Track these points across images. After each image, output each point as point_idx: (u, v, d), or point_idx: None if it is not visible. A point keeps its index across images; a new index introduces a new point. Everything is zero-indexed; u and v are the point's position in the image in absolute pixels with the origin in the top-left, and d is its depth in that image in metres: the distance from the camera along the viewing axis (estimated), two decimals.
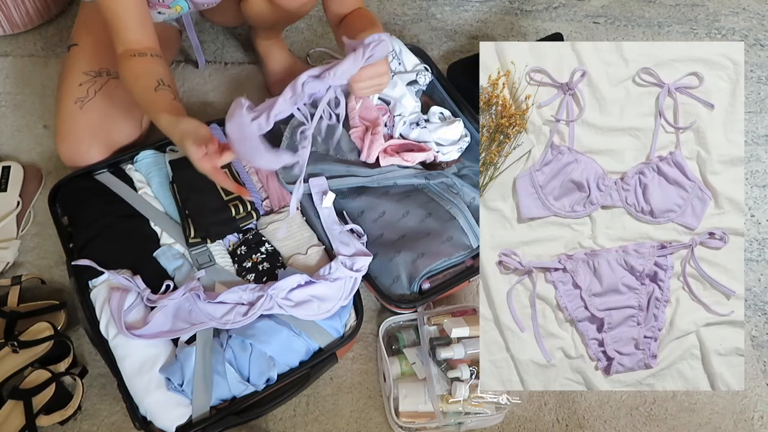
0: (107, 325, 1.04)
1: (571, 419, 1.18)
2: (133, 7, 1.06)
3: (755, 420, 1.22)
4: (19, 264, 1.24)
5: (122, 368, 1.01)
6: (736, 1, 1.88)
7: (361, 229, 1.18)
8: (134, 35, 1.07)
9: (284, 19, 1.32)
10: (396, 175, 1.23)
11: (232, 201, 1.16)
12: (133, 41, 1.07)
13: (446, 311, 1.17)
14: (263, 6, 1.22)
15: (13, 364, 1.06)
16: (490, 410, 1.08)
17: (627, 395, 1.21)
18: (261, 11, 1.24)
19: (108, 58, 1.22)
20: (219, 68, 1.54)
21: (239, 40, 1.60)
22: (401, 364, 1.12)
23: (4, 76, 1.47)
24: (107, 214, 1.14)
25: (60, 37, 1.55)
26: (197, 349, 1.02)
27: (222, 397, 1.01)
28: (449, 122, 1.31)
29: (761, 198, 1.51)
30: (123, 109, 1.23)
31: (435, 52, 1.65)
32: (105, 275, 1.07)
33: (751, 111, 1.65)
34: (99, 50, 1.23)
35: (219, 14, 1.41)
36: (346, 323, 1.10)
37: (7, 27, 1.49)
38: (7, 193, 1.27)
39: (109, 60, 1.22)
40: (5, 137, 1.39)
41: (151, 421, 0.99)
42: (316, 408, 1.15)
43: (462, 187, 1.22)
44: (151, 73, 1.06)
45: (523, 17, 1.76)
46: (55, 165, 1.35)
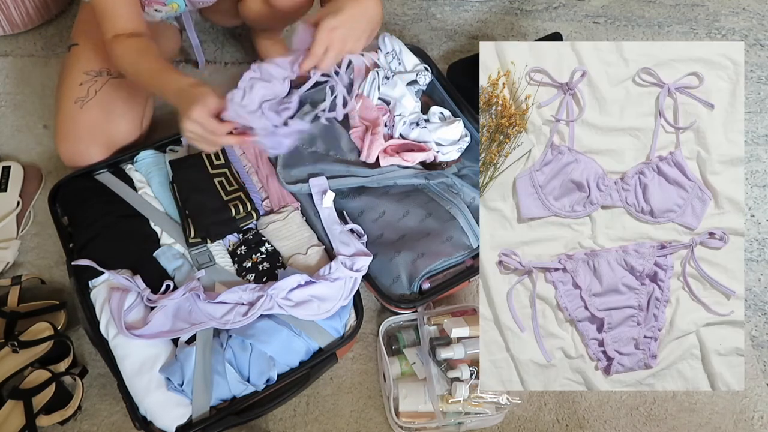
0: (107, 325, 1.04)
1: (571, 419, 1.18)
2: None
3: (755, 420, 1.22)
4: (19, 264, 1.24)
5: (122, 368, 1.01)
6: (736, 1, 1.88)
7: (361, 229, 1.18)
8: (125, 23, 1.08)
9: (282, 20, 1.32)
10: (396, 175, 1.23)
11: (232, 201, 1.16)
12: (124, 28, 1.08)
13: (446, 311, 1.17)
14: (261, 7, 1.22)
15: (13, 364, 1.06)
16: (490, 410, 1.08)
17: (627, 395, 1.21)
18: (258, 12, 1.24)
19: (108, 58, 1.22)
20: (219, 68, 1.54)
21: (239, 40, 1.60)
22: (401, 364, 1.12)
23: (4, 76, 1.48)
24: (107, 214, 1.14)
25: (60, 37, 1.55)
26: (197, 349, 1.02)
27: (222, 397, 1.01)
28: (449, 122, 1.31)
29: (761, 198, 1.51)
30: (123, 108, 1.23)
31: (435, 52, 1.65)
32: (105, 275, 1.07)
33: (751, 111, 1.65)
34: (99, 50, 1.23)
35: (218, 14, 1.42)
36: (346, 323, 1.10)
37: (7, 27, 1.49)
38: (7, 193, 1.27)
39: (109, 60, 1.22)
40: (5, 137, 1.39)
41: (151, 421, 0.99)
42: (316, 408, 1.15)
43: (462, 187, 1.22)
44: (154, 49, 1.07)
45: (523, 17, 1.76)
46: (55, 165, 1.35)
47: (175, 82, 1.01)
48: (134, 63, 1.07)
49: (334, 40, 0.97)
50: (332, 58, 0.98)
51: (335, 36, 0.96)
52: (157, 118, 1.41)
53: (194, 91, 0.96)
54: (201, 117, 0.92)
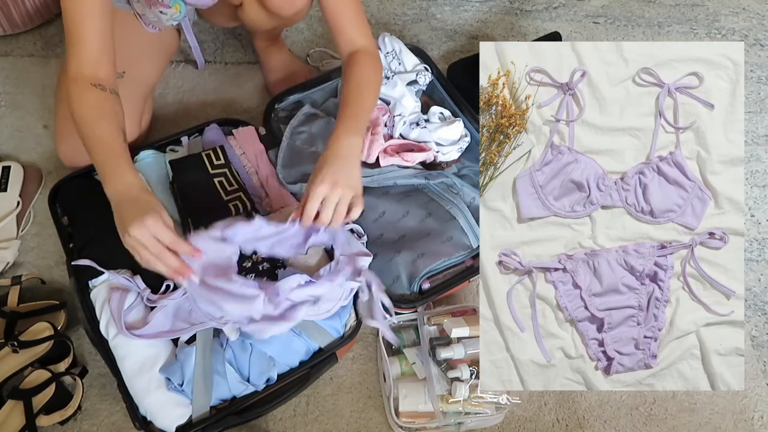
0: (107, 325, 1.03)
1: (571, 419, 1.18)
2: (98, 17, 0.99)
3: (755, 420, 1.22)
4: (19, 264, 1.24)
5: (122, 368, 1.01)
6: (736, 1, 1.88)
7: (361, 229, 1.18)
8: (93, 52, 0.99)
9: (280, 25, 1.32)
10: (396, 175, 1.23)
11: (232, 201, 1.16)
12: (90, 61, 0.99)
13: (446, 311, 1.17)
14: (259, 13, 1.22)
15: (13, 364, 1.06)
16: (490, 410, 1.08)
17: (627, 395, 1.21)
18: (257, 18, 1.24)
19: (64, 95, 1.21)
20: (219, 68, 1.54)
21: (239, 40, 1.60)
22: (401, 364, 1.12)
23: (4, 76, 1.47)
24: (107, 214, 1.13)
25: (60, 37, 1.55)
26: (197, 349, 1.01)
27: (222, 397, 1.01)
28: (449, 122, 1.31)
29: (761, 198, 1.51)
30: None
31: (435, 52, 1.65)
32: (105, 275, 1.07)
33: (751, 111, 1.65)
34: None
35: (216, 17, 1.41)
36: (346, 323, 1.10)
37: (7, 27, 1.49)
38: (7, 193, 1.27)
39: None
40: (5, 137, 1.39)
41: (151, 421, 0.99)
42: (316, 408, 1.15)
43: (462, 187, 1.22)
44: (116, 115, 0.99)
45: (523, 17, 1.76)
46: (55, 165, 1.35)
47: (126, 178, 0.94)
48: (90, 124, 0.97)
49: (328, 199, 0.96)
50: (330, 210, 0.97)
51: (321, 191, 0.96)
52: (157, 118, 1.41)
53: (149, 199, 0.92)
54: (156, 226, 0.88)
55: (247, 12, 1.22)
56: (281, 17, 1.22)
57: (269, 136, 1.29)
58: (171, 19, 1.23)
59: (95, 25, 0.99)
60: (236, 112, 1.47)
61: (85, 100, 0.98)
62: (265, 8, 1.19)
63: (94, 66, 1.00)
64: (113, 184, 0.94)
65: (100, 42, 1.00)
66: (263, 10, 1.21)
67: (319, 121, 1.28)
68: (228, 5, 1.24)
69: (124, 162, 0.96)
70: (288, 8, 1.19)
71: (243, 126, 1.29)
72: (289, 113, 1.33)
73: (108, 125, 0.98)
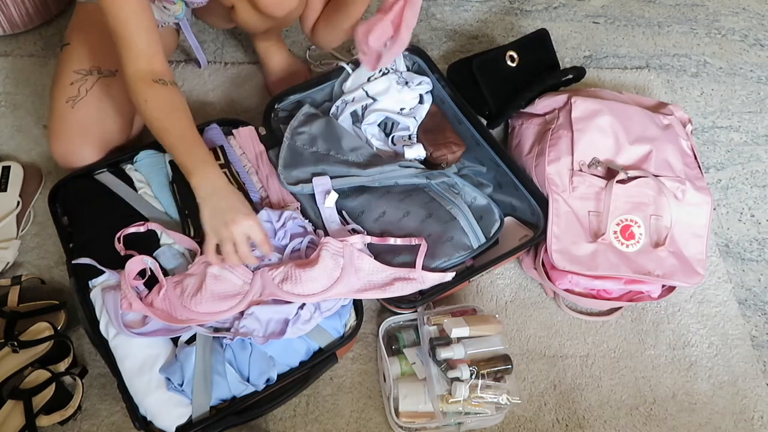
0: (107, 325, 1.03)
1: (571, 419, 1.18)
2: (141, 14, 1.02)
3: (755, 420, 1.22)
4: (19, 264, 1.24)
5: (122, 368, 1.01)
6: (736, 1, 1.88)
7: (361, 229, 1.18)
8: (144, 49, 1.03)
9: (275, 26, 1.32)
10: (397, 174, 1.23)
11: None
12: (144, 58, 1.03)
13: (446, 311, 1.17)
14: (251, 15, 1.21)
15: (13, 364, 1.06)
16: (490, 410, 1.08)
17: (627, 395, 1.21)
18: (250, 19, 1.23)
19: (99, 56, 1.21)
20: (219, 68, 1.54)
21: (239, 40, 1.59)
22: (401, 364, 1.12)
23: (4, 76, 1.47)
24: (107, 214, 1.14)
25: (60, 37, 1.54)
26: (197, 349, 1.01)
27: (222, 397, 1.01)
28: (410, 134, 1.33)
29: (761, 198, 1.51)
30: (115, 107, 1.22)
31: (435, 52, 1.65)
32: (105, 275, 1.07)
33: (751, 111, 1.65)
34: (90, 48, 1.23)
35: (211, 17, 1.41)
36: (346, 323, 1.10)
37: (7, 27, 1.49)
38: (7, 193, 1.27)
39: (100, 58, 1.21)
40: (5, 137, 1.39)
41: (151, 421, 0.99)
42: (316, 408, 1.15)
43: (463, 186, 1.22)
44: (184, 105, 1.05)
45: (523, 17, 1.76)
46: (55, 165, 1.35)
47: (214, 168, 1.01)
48: (163, 120, 1.03)
49: None
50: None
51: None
52: None
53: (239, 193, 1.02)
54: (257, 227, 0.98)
55: (240, 14, 1.22)
56: (274, 18, 1.21)
57: (269, 136, 1.29)
58: (172, 16, 1.23)
59: (141, 23, 1.02)
60: (236, 112, 1.47)
61: (152, 97, 1.02)
62: (257, 10, 1.19)
63: (149, 61, 1.03)
64: (202, 175, 0.99)
65: (147, 36, 1.03)
66: (255, 12, 1.20)
67: (319, 121, 1.28)
68: (221, 6, 1.24)
69: (206, 153, 1.01)
70: (279, 10, 1.18)
71: (243, 126, 1.29)
72: (289, 113, 1.33)
73: (183, 117, 1.02)
